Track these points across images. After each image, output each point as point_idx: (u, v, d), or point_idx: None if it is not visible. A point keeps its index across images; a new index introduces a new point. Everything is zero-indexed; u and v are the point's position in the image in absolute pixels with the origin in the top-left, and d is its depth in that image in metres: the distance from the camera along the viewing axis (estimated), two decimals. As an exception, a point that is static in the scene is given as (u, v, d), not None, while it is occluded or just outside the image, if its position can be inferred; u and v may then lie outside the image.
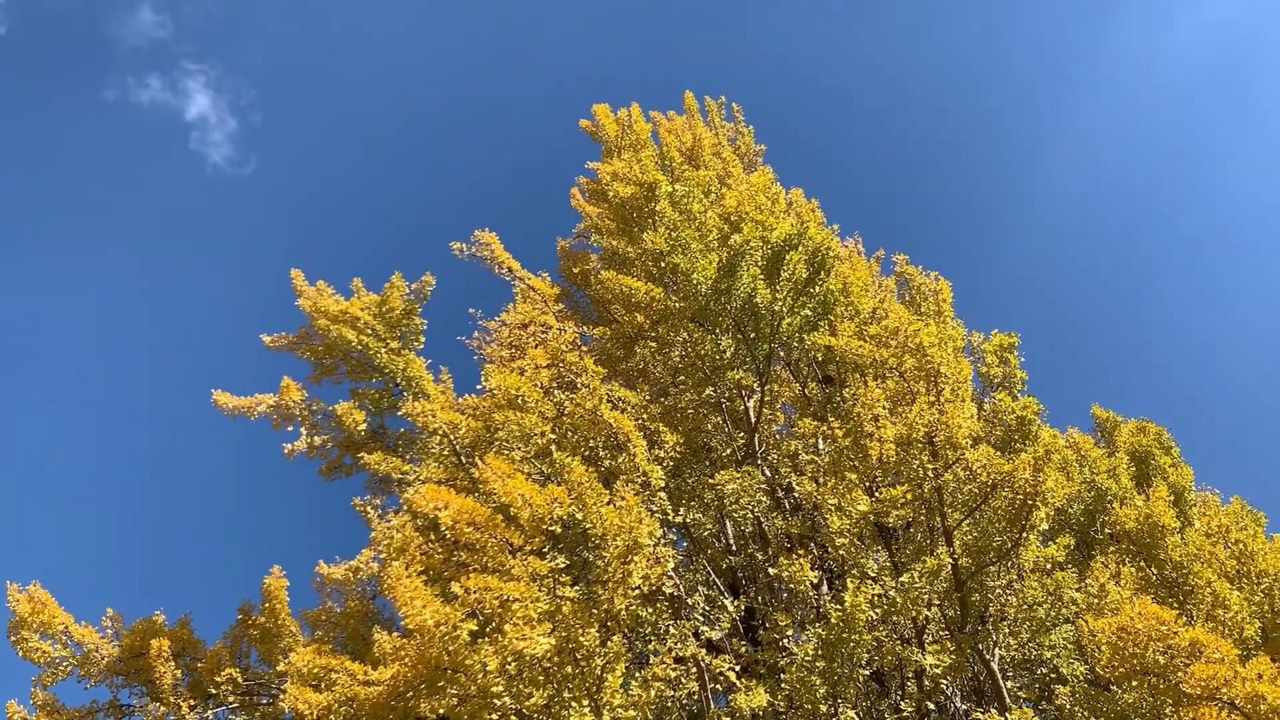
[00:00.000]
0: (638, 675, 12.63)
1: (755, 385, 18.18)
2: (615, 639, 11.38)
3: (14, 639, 16.23)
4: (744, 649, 15.22)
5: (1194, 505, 20.50)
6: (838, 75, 61.48)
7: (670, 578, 14.38)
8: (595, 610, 11.37)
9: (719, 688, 14.38)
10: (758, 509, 16.84)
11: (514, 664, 10.69)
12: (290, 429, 21.22)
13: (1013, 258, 60.55)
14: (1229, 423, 54.75)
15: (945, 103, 61.87)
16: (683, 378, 19.20)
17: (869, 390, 15.16)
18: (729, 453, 18.83)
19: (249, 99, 58.57)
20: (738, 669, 14.24)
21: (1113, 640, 11.22)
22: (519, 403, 14.96)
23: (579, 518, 11.91)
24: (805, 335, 17.69)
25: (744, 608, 16.38)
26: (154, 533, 54.17)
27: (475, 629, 10.83)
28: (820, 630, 13.26)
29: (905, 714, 14.32)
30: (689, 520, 16.39)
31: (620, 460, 14.54)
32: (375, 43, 59.60)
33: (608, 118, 24.22)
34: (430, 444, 16.56)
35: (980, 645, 14.44)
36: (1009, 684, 15.68)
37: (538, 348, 16.57)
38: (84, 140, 56.61)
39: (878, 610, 13.38)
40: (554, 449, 13.90)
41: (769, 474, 17.86)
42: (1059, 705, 14.07)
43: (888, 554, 15.81)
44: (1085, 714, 13.20)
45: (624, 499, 12.02)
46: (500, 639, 10.61)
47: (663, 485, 14.72)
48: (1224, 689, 10.34)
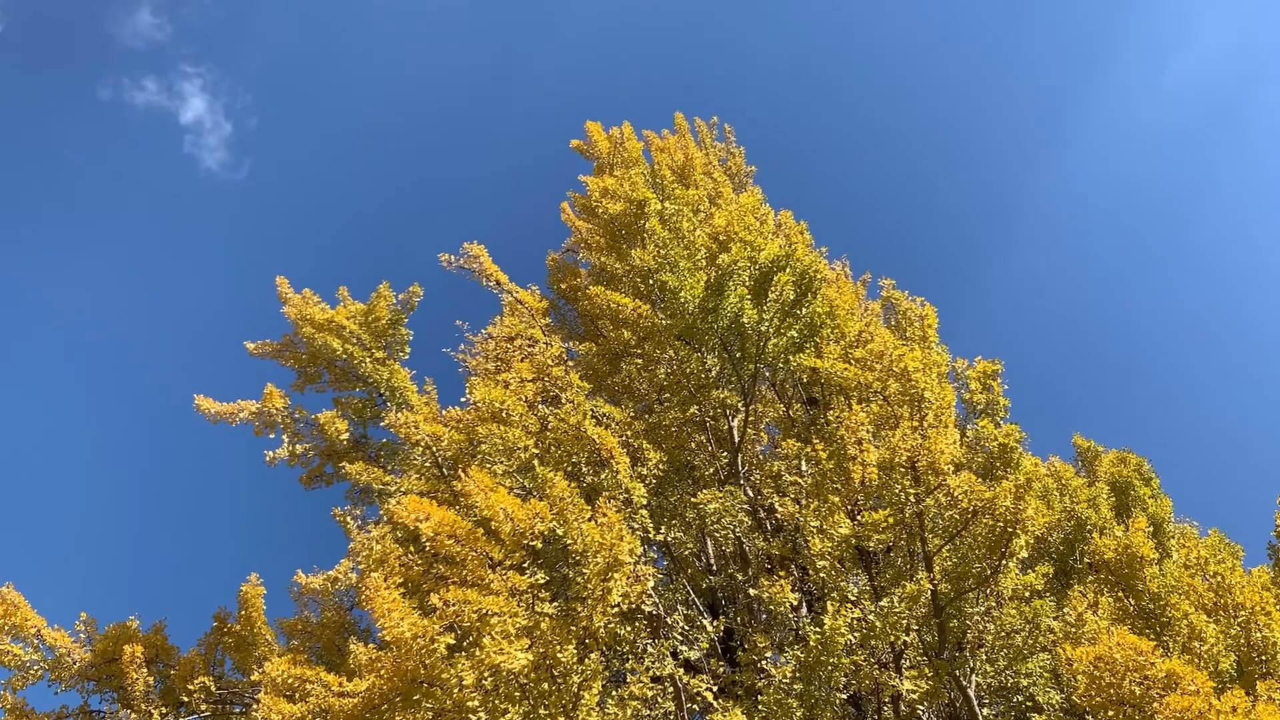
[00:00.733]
0: (614, 694, 12.58)
1: (740, 405, 18.19)
2: (593, 656, 11.33)
3: (-14, 642, 16.08)
4: (722, 670, 15.16)
5: (1173, 537, 20.57)
6: (834, 106, 62.05)
7: (650, 596, 14.34)
8: (574, 627, 11.32)
9: (696, 708, 14.31)
10: (739, 529, 16.82)
11: (490, 679, 10.63)
12: (272, 436, 21.15)
13: (999, 286, 60.99)
14: (1208, 455, 55.13)
15: (937, 138, 62.46)
16: (668, 395, 19.20)
17: (853, 413, 15.17)
18: (712, 472, 18.82)
19: (245, 103, 58.53)
20: (715, 690, 14.18)
21: (1089, 669, 11.21)
22: (503, 416, 14.92)
23: (560, 533, 11.87)
24: (791, 356, 17.71)
25: (723, 628, 16.33)
26: (131, 536, 53.74)
27: (453, 642, 10.77)
28: (799, 653, 13.22)
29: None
30: (670, 539, 16.35)
31: (603, 476, 14.51)
32: (372, 53, 59.75)
33: (599, 134, 24.29)
34: (412, 455, 16.50)
35: (957, 672, 14.43)
36: (985, 711, 15.66)
37: (523, 361, 16.54)
38: (76, 139, 56.47)
39: (856, 634, 13.35)
40: (537, 463, 13.87)
41: (751, 494, 17.85)
42: (1035, 733, 14.07)
43: (868, 578, 15.79)
44: (1061, 743, 13.20)
45: (606, 515, 11.99)
46: (478, 653, 10.54)
47: (645, 503, 14.68)
48: (1199, 721, 10.35)
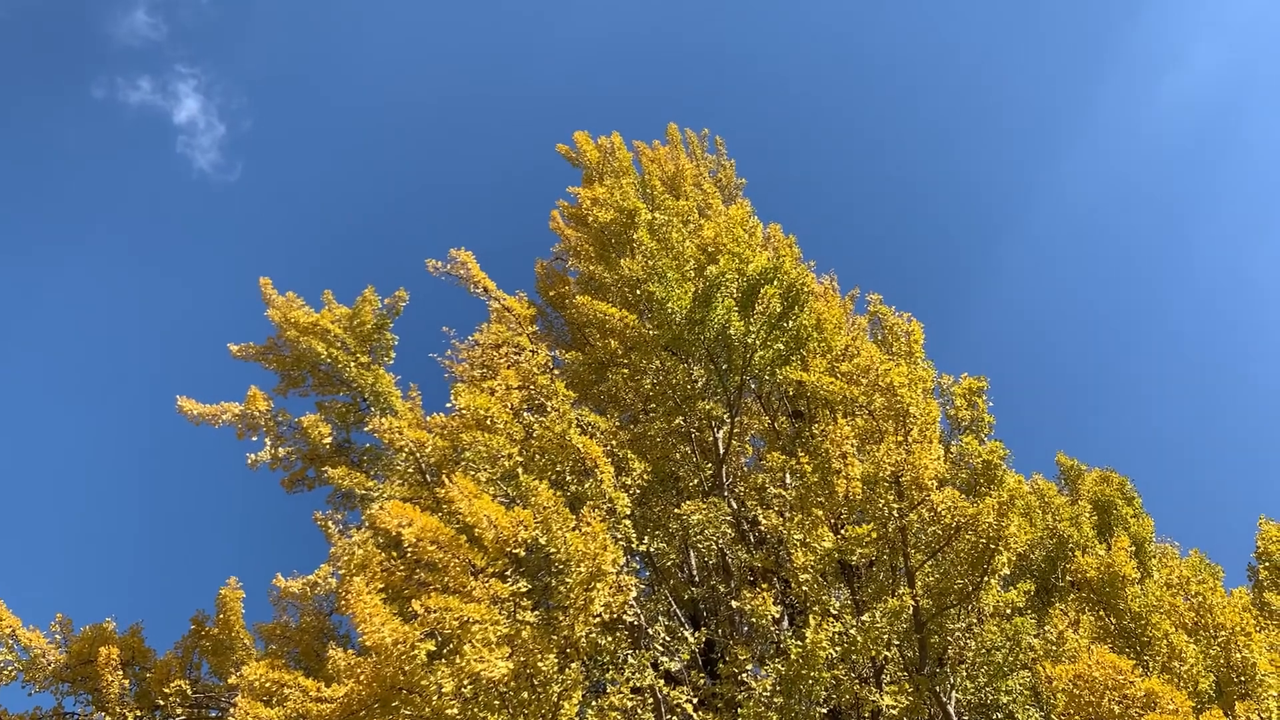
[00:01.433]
0: (594, 704, 12.53)
1: (725, 416, 18.18)
2: (573, 666, 11.29)
3: (-41, 642, 15.92)
4: (702, 681, 15.11)
5: (1154, 556, 20.67)
6: (829, 120, 62.36)
7: (632, 606, 14.28)
8: (555, 636, 11.27)
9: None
10: (722, 541, 16.79)
11: (470, 687, 10.57)
12: (255, 439, 21.04)
13: (987, 303, 61.28)
14: (1190, 476, 55.44)
15: (930, 155, 62.83)
16: (653, 405, 19.18)
17: (838, 427, 15.19)
18: (696, 483, 18.79)
19: (239, 105, 58.38)
20: (695, 701, 14.14)
21: (1069, 688, 11.24)
22: (488, 423, 14.86)
23: (543, 542, 11.83)
24: (777, 369, 17.72)
25: (704, 640, 16.29)
26: (111, 538, 53.34)
27: (433, 649, 10.71)
28: (780, 666, 13.20)
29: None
30: (653, 549, 16.30)
31: (587, 485, 14.46)
32: (367, 59, 59.77)
33: (588, 144, 24.29)
34: (396, 461, 16.42)
35: (938, 688, 14.42)
36: (965, 727, 15.67)
37: (509, 369, 16.48)
38: (69, 137, 56.20)
39: (838, 648, 13.34)
40: (521, 471, 13.82)
41: (735, 506, 17.83)
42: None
43: (850, 592, 15.78)
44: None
45: (589, 525, 11.95)
46: (458, 660, 10.49)
47: (628, 513, 14.64)
48: (1178, 741, 10.38)
